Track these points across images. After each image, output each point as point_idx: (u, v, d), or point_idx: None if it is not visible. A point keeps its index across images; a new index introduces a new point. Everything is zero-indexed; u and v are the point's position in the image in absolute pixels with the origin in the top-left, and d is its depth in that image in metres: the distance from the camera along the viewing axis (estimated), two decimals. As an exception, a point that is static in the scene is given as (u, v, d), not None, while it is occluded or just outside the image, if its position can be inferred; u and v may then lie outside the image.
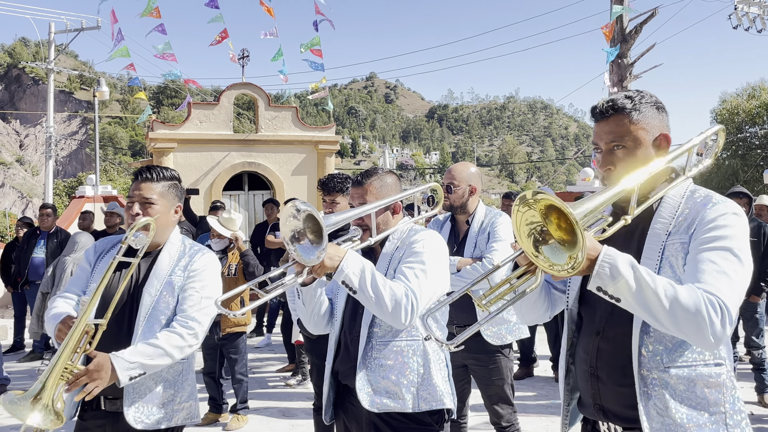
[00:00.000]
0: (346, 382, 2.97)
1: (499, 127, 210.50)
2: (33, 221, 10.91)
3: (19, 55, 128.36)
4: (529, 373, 8.27)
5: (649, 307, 1.86)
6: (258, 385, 7.93)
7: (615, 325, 2.16)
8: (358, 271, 2.57)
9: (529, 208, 1.86)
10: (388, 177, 3.08)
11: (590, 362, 2.21)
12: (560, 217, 1.84)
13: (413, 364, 2.84)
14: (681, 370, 2.04)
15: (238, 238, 6.64)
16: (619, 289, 1.86)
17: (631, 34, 13.00)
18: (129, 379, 2.80)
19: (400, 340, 2.85)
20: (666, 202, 2.18)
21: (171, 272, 3.07)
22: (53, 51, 24.79)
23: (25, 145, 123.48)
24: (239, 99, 19.27)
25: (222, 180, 15.14)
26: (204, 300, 3.05)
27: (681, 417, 2.01)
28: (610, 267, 1.85)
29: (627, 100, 2.20)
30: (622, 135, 2.17)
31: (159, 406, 2.98)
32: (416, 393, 2.81)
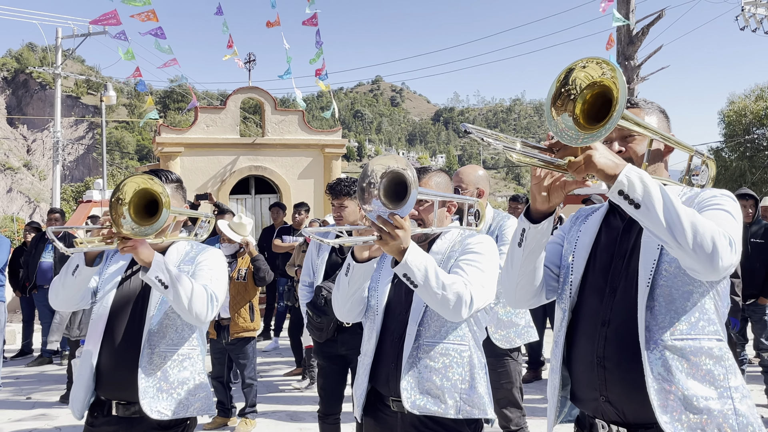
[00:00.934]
0: (380, 389, 2.90)
1: (506, 129, 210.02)
2: (41, 226, 10.95)
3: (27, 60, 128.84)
4: (537, 376, 8.24)
5: (669, 220, 1.88)
6: (266, 388, 7.94)
7: (621, 312, 2.18)
8: (423, 267, 2.50)
9: (587, 72, 1.87)
10: (442, 175, 3.06)
11: (596, 352, 2.20)
12: (597, 102, 1.87)
13: (459, 369, 2.78)
14: (685, 342, 2.08)
15: (249, 243, 6.64)
16: (643, 196, 1.88)
17: (638, 36, 12.96)
18: (155, 276, 2.80)
19: (448, 343, 2.79)
20: (669, 187, 2.22)
21: (180, 263, 3.15)
22: (60, 56, 24.89)
23: (33, 149, 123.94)
24: (246, 103, 19.29)
25: (229, 184, 15.16)
26: (215, 281, 3.09)
27: (688, 390, 2.04)
28: (639, 176, 1.88)
29: (641, 100, 2.36)
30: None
31: (174, 397, 3.01)
32: (459, 399, 2.75)
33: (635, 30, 13.08)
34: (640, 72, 13.09)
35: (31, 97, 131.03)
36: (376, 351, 2.91)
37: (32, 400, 7.77)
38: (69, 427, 6.57)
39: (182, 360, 3.08)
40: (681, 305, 2.10)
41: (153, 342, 3.02)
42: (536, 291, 2.37)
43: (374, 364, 2.91)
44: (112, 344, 3.04)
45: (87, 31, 24.16)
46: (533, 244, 2.22)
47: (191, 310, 2.90)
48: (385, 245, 2.44)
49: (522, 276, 2.32)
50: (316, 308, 4.82)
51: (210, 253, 3.22)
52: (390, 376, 2.82)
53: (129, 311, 3.08)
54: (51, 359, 10.05)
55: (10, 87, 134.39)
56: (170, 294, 2.85)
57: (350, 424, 6.37)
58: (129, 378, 2.97)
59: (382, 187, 2.40)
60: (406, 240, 2.43)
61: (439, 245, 2.93)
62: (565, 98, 1.90)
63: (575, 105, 1.89)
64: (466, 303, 2.58)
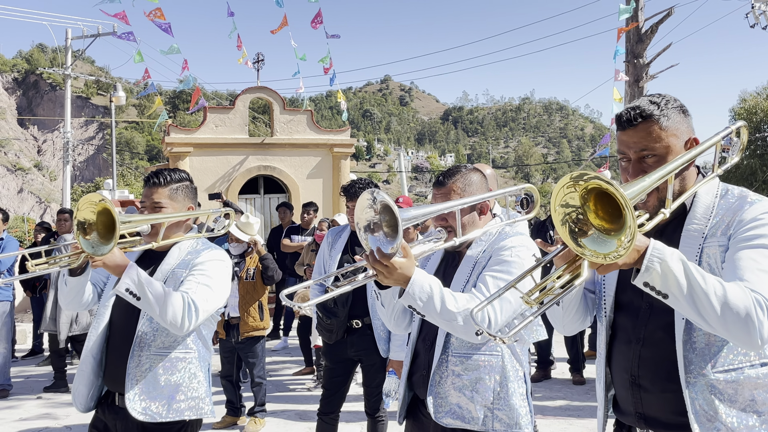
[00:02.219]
0: (417, 391, 2.87)
1: (515, 128, 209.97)
2: (51, 226, 10.99)
3: (37, 61, 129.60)
4: (546, 375, 8.23)
5: (698, 306, 1.79)
6: (275, 388, 7.95)
7: (656, 331, 2.10)
8: (425, 297, 2.41)
9: (572, 190, 1.78)
10: (473, 174, 2.90)
11: (631, 371, 2.14)
12: (602, 203, 1.76)
13: (490, 381, 2.69)
14: (728, 374, 1.99)
15: (257, 242, 6.65)
16: (669, 285, 1.78)
17: (647, 34, 12.91)
18: (125, 288, 2.80)
19: (479, 354, 2.70)
20: (699, 201, 2.11)
21: (176, 267, 3.14)
22: (70, 57, 24.98)
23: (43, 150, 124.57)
24: (254, 103, 19.31)
25: (238, 183, 15.19)
26: (202, 287, 3.03)
27: (731, 421, 1.97)
28: (660, 262, 1.77)
29: (653, 106, 2.11)
30: (653, 142, 2.09)
31: (160, 401, 3.01)
32: (491, 413, 2.67)
33: (644, 28, 13.02)
34: (649, 70, 13.04)
35: (42, 97, 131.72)
36: (413, 355, 2.90)
37: (43, 399, 7.81)
38: (79, 426, 6.59)
39: (175, 362, 3.07)
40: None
41: (143, 343, 3.04)
42: (583, 320, 2.35)
43: (411, 367, 2.90)
44: (111, 340, 3.15)
45: (96, 32, 24.25)
46: (569, 302, 2.23)
47: (164, 320, 2.87)
48: (384, 281, 2.39)
49: (567, 319, 2.31)
50: (325, 310, 4.82)
51: (209, 256, 3.16)
52: (422, 381, 2.80)
53: (126, 311, 3.12)
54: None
55: (20, 88, 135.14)
56: (141, 305, 2.85)
57: (351, 423, 6.38)
58: (122, 374, 3.03)
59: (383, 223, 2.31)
60: (403, 275, 2.35)
61: (474, 249, 2.83)
62: (577, 222, 1.79)
63: (590, 220, 1.77)
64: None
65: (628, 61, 13.03)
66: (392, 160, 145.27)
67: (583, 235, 1.78)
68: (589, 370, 8.20)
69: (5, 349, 8.11)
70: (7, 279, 6.46)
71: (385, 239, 2.30)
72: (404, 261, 2.34)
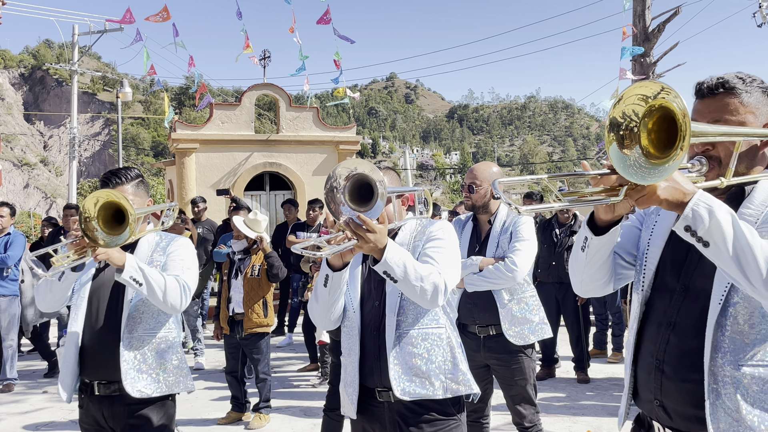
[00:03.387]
0: (366, 383, 2.91)
1: (520, 127, 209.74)
2: (58, 221, 11.02)
3: (43, 56, 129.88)
4: (550, 374, 8.22)
5: (741, 259, 1.72)
6: (280, 384, 7.96)
7: (687, 317, 2.03)
8: (401, 263, 2.54)
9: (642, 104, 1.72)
10: (390, 171, 3.14)
11: (657, 354, 2.08)
12: (662, 126, 1.70)
13: (440, 351, 2.84)
14: (756, 369, 1.91)
15: (263, 239, 6.66)
16: (712, 233, 1.72)
17: (654, 33, 12.88)
18: (130, 276, 3.01)
19: (426, 328, 2.85)
20: (760, 188, 2.04)
21: (151, 254, 3.37)
22: (77, 53, 25.02)
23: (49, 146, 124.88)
24: (261, 100, 19.35)
25: (243, 180, 15.21)
26: (186, 270, 3.31)
27: (752, 419, 1.89)
28: (707, 208, 1.72)
29: (738, 80, 2.04)
30: (728, 114, 2.01)
31: (153, 376, 3.25)
32: (445, 379, 2.81)
33: (651, 26, 13.00)
34: (655, 69, 13.01)
35: (48, 93, 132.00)
36: (360, 352, 2.92)
37: (49, 393, 7.84)
38: (85, 420, 6.62)
39: (159, 342, 3.31)
40: (757, 327, 1.92)
41: (132, 327, 3.25)
42: (604, 284, 2.27)
43: (360, 360, 2.92)
44: (92, 329, 3.27)
45: (103, 28, 24.29)
46: (596, 251, 2.12)
47: (166, 302, 3.13)
48: (361, 249, 2.49)
49: (587, 274, 2.23)
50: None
51: (179, 243, 3.42)
52: (374, 368, 2.86)
53: (108, 299, 3.30)
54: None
55: (27, 83, 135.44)
56: (144, 290, 3.07)
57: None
58: (111, 360, 3.20)
59: (347, 191, 2.44)
60: (383, 239, 2.48)
61: (402, 237, 2.98)
62: (628, 133, 1.74)
63: (641, 136, 1.73)
64: (442, 291, 2.64)
65: (635, 60, 13.01)
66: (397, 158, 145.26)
67: (620, 146, 1.75)
68: (593, 368, 8.20)
69: (13, 342, 8.16)
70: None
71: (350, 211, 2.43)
72: (383, 228, 2.47)
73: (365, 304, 2.95)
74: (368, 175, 2.38)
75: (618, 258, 2.28)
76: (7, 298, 8.09)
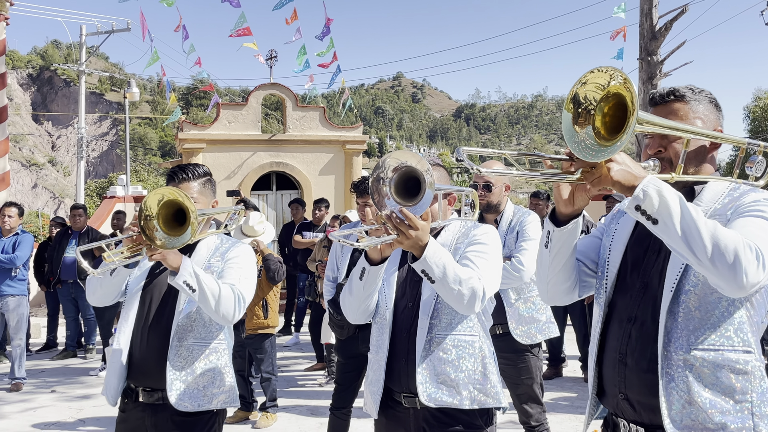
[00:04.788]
0: (392, 386, 2.87)
1: (527, 126, 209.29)
2: (65, 221, 11.07)
3: (51, 57, 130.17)
4: (557, 373, 8.22)
5: (687, 236, 1.82)
6: (287, 383, 7.98)
7: (645, 309, 2.12)
8: (441, 263, 2.49)
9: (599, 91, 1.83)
10: (440, 168, 3.02)
11: (620, 349, 2.16)
12: (616, 113, 1.82)
13: (471, 360, 2.77)
14: (706, 352, 2.00)
15: (258, 243, 6.67)
16: (660, 211, 1.82)
17: (661, 32, 12.84)
18: (184, 281, 2.85)
19: (459, 335, 2.78)
20: (709, 188, 2.17)
21: (209, 259, 3.19)
22: (84, 53, 25.13)
23: (57, 146, 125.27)
24: (267, 99, 19.36)
25: (250, 180, 15.23)
26: (244, 280, 3.12)
27: (703, 401, 1.97)
28: (657, 189, 1.82)
29: (688, 90, 2.20)
30: (679, 118, 2.15)
31: (199, 390, 3.07)
32: (473, 389, 2.75)
33: (658, 25, 12.95)
34: (663, 67, 12.97)
35: (56, 93, 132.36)
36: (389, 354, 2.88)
37: (57, 393, 7.88)
38: (92, 419, 6.65)
39: (209, 354, 3.14)
40: (707, 313, 2.01)
41: (181, 335, 3.08)
42: (569, 288, 2.34)
43: (388, 362, 2.88)
44: (142, 333, 3.12)
45: (111, 29, 24.38)
46: (559, 246, 2.19)
47: (218, 311, 2.95)
48: (401, 244, 2.45)
49: (552, 275, 2.29)
50: (336, 306, 4.84)
51: (240, 250, 3.23)
52: (402, 372, 2.81)
53: (159, 304, 3.14)
54: (75, 353, 10.18)
55: (35, 84, 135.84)
56: (197, 297, 2.90)
57: (362, 419, 6.40)
58: (158, 368, 3.04)
59: (393, 183, 2.38)
60: (424, 236, 2.43)
61: (445, 237, 2.92)
62: (585, 113, 1.86)
63: (595, 119, 1.85)
64: (480, 297, 2.59)
65: (642, 59, 12.97)
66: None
67: (575, 122, 1.87)
68: (600, 367, 8.18)
69: (21, 341, 8.19)
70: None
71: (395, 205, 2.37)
72: (425, 224, 2.43)
73: (399, 303, 2.90)
74: (418, 170, 2.32)
75: (582, 265, 2.37)
76: (16, 298, 8.13)
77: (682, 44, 13.02)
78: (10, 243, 8.13)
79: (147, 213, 2.77)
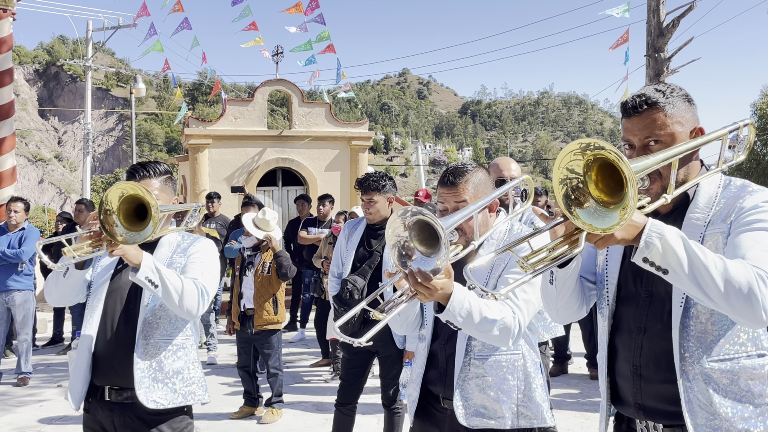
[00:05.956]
0: (434, 389, 2.83)
1: (533, 122, 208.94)
2: (72, 216, 11.10)
3: (58, 52, 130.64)
4: (563, 370, 8.21)
5: (699, 280, 1.80)
6: (292, 379, 7.99)
7: (655, 320, 2.11)
8: (465, 313, 2.39)
9: (579, 158, 1.79)
10: (480, 173, 2.87)
11: (633, 360, 2.15)
12: (604, 175, 1.78)
13: (514, 381, 2.70)
14: (723, 363, 2.00)
15: (271, 239, 6.66)
16: (668, 260, 1.80)
17: (668, 28, 12.79)
18: (145, 276, 2.82)
19: (500, 354, 2.70)
20: (702, 191, 2.13)
21: (171, 255, 3.17)
22: (91, 49, 25.15)
23: (63, 141, 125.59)
24: (273, 95, 19.36)
25: (256, 176, 15.24)
26: (206, 274, 3.11)
27: (725, 411, 1.97)
28: (659, 237, 1.79)
29: (659, 93, 2.12)
30: (658, 129, 2.10)
31: (168, 387, 3.06)
32: (517, 411, 2.68)
33: (665, 22, 12.90)
34: (670, 64, 12.92)
35: (62, 89, 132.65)
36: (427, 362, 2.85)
37: (63, 387, 7.90)
38: (99, 414, 6.66)
39: (176, 350, 3.13)
40: (718, 323, 2.01)
41: (147, 333, 3.06)
42: (578, 308, 2.31)
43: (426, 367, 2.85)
44: (107, 335, 3.09)
45: (117, 24, 24.41)
46: (564, 281, 2.17)
47: (182, 306, 2.94)
48: (423, 300, 2.36)
49: (560, 304, 2.26)
50: (341, 301, 4.85)
51: (202, 244, 3.22)
52: (439, 378, 2.78)
53: (123, 303, 3.12)
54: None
55: (41, 79, 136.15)
56: (160, 292, 2.88)
57: (367, 415, 6.41)
58: (125, 367, 3.02)
59: (414, 238, 2.22)
60: (447, 288, 2.32)
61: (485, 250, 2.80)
62: (576, 190, 1.81)
63: (589, 190, 1.80)
64: (513, 334, 2.51)
65: (649, 56, 12.92)
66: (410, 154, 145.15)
67: (578, 205, 1.81)
68: (606, 365, 8.17)
69: (28, 336, 8.22)
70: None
71: (422, 257, 2.22)
72: (446, 281, 2.30)
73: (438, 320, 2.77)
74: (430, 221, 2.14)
75: (585, 281, 2.34)
76: (22, 293, 8.15)
77: (690, 41, 12.96)
78: (17, 238, 8.15)
79: (107, 207, 2.75)
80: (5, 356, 9.24)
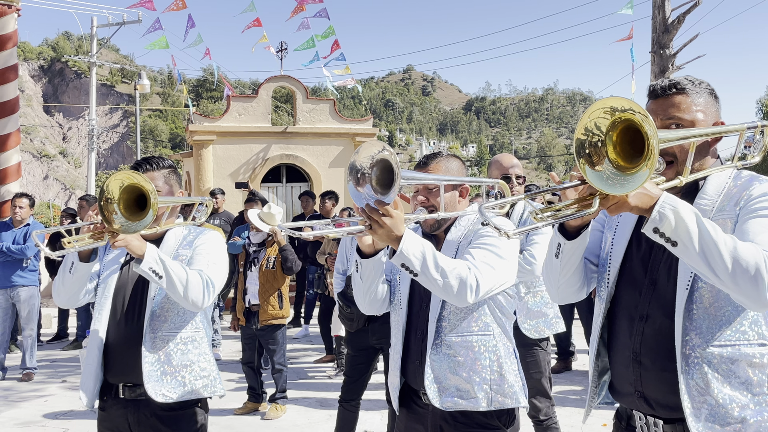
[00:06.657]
0: (411, 383, 2.86)
1: (538, 119, 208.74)
2: (76, 212, 11.12)
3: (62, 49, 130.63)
4: (567, 366, 8.20)
5: (707, 256, 1.82)
6: (296, 375, 8.00)
7: (657, 308, 2.12)
8: (419, 254, 2.41)
9: (607, 117, 1.80)
10: (454, 161, 2.93)
11: (633, 347, 2.15)
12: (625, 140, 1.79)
13: (485, 361, 2.70)
14: (723, 348, 2.01)
15: (276, 233, 6.67)
16: (679, 233, 1.82)
17: (674, 25, 12.75)
18: (149, 267, 2.79)
19: (471, 335, 2.71)
20: (712, 180, 2.16)
21: (177, 248, 3.13)
22: (95, 45, 25.16)
23: (68, 137, 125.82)
24: (277, 92, 19.38)
25: (260, 172, 15.25)
26: (212, 265, 3.06)
27: (723, 397, 1.99)
28: (673, 209, 1.81)
29: (688, 81, 2.19)
30: (682, 113, 2.15)
31: (177, 379, 3.02)
32: (490, 390, 2.68)
33: (671, 18, 12.86)
34: (675, 61, 12.88)
35: (67, 85, 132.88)
36: (403, 346, 2.87)
37: (68, 383, 7.93)
38: (103, 409, 6.68)
39: (186, 343, 3.09)
40: (721, 309, 2.02)
41: (155, 326, 3.03)
42: (578, 288, 2.34)
43: (403, 358, 2.87)
44: (116, 329, 3.07)
45: (122, 20, 24.41)
46: (569, 255, 2.19)
47: (187, 297, 2.89)
48: (375, 234, 2.37)
49: (562, 280, 2.28)
50: (346, 298, 4.86)
51: (208, 236, 3.19)
52: (417, 372, 2.79)
53: (130, 296, 3.10)
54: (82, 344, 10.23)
55: (46, 75, 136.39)
56: (164, 283, 2.85)
57: (371, 411, 6.42)
58: (134, 361, 2.98)
59: (374, 176, 2.30)
60: (397, 227, 2.34)
61: (454, 233, 2.84)
62: (594, 147, 1.83)
63: (607, 150, 1.81)
64: (471, 287, 2.49)
65: (654, 52, 12.89)
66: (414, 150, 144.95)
67: (591, 165, 1.82)
68: (610, 362, 8.16)
69: (33, 331, 8.24)
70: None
71: (373, 193, 2.30)
72: (398, 213, 2.35)
73: (414, 304, 2.85)
74: (389, 160, 2.24)
75: (588, 263, 2.36)
76: (27, 289, 8.18)
77: (695, 37, 12.92)
78: (21, 234, 8.17)
79: (108, 196, 2.74)
80: (10, 351, 9.28)
